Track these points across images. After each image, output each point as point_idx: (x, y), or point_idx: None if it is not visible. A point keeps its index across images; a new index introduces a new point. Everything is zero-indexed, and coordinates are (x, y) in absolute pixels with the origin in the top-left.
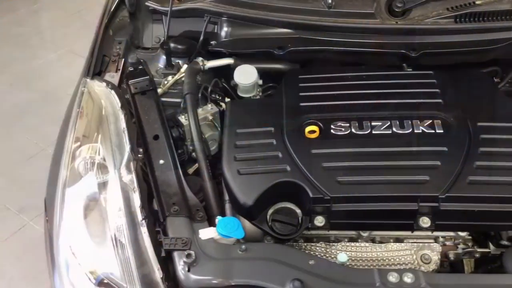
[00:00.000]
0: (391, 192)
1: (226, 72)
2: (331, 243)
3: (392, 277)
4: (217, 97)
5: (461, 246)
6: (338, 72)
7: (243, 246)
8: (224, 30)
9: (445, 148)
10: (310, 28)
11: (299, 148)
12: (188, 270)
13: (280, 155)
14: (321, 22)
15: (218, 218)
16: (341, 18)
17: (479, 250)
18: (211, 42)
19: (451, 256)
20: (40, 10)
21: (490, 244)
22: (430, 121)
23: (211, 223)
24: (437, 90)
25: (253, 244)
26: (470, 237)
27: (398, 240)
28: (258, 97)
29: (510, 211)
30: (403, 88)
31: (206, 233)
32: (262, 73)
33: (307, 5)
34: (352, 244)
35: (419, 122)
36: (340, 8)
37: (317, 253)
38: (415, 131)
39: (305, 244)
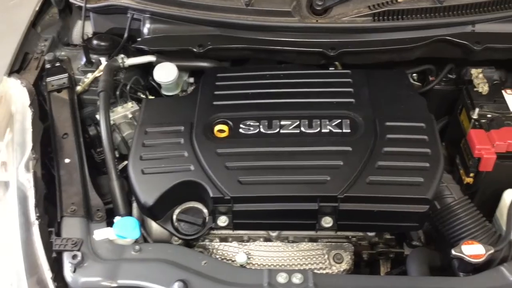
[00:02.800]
0: (292, 192)
1: None
2: (243, 243)
3: (281, 278)
4: (141, 95)
5: (380, 246)
6: (257, 70)
7: (137, 247)
8: (146, 27)
9: (349, 148)
10: (229, 26)
11: (205, 147)
12: (74, 271)
13: (185, 154)
14: (239, 20)
15: (116, 218)
16: (259, 16)
17: (393, 250)
18: (138, 39)
19: (365, 256)
20: None
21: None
22: (339, 120)
23: None
24: (351, 89)
25: (148, 244)
26: (392, 237)
27: (312, 239)
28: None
29: (408, 212)
30: (318, 87)
31: (101, 233)
32: (190, 71)
33: (227, 2)
34: (265, 243)
35: (327, 122)
36: (258, 6)
37: (229, 253)
38: (323, 130)
39: (219, 243)
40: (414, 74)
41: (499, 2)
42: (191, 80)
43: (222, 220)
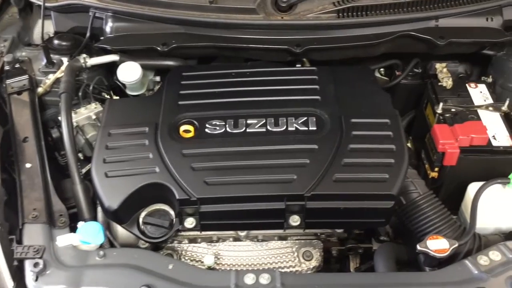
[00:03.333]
0: (259, 192)
1: None
2: (212, 244)
3: (248, 279)
4: (105, 95)
5: (349, 241)
6: (223, 69)
7: (101, 252)
8: (109, 26)
9: (315, 146)
10: (193, 24)
11: (171, 148)
12: (36, 280)
13: (150, 156)
14: (203, 18)
15: (79, 224)
16: (223, 13)
17: (362, 246)
18: (101, 38)
19: (334, 252)
20: None
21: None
22: (305, 118)
23: None
24: (317, 86)
25: (113, 249)
26: (361, 232)
27: (281, 238)
28: None
29: (374, 208)
30: (284, 85)
31: (64, 239)
32: (156, 70)
33: (190, 0)
34: (234, 243)
35: (294, 120)
36: (222, 3)
37: (198, 254)
38: (289, 128)
39: (188, 245)
40: (382, 69)
41: None
42: (157, 78)
43: (189, 222)
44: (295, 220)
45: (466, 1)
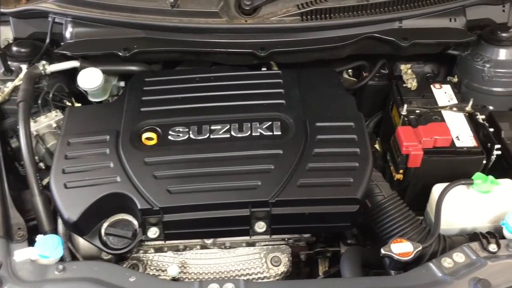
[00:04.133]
0: (223, 199)
1: None
2: (179, 252)
3: None
4: (67, 102)
5: (317, 245)
6: (186, 74)
7: (60, 266)
8: (69, 32)
9: (280, 151)
10: (155, 28)
11: (133, 156)
12: None
13: (111, 165)
14: (165, 22)
15: (38, 237)
16: (185, 17)
17: (330, 249)
18: (61, 44)
19: (302, 256)
20: None
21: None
22: (269, 123)
23: None
24: (281, 90)
25: (73, 263)
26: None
27: (249, 244)
28: None
29: (339, 212)
30: (249, 89)
31: (22, 254)
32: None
33: (152, 4)
34: (201, 251)
35: (258, 125)
36: (184, 7)
37: (165, 263)
38: (253, 134)
39: (154, 254)
40: (350, 70)
41: None
42: (122, 84)
43: (153, 232)
44: (260, 226)
45: (429, 2)
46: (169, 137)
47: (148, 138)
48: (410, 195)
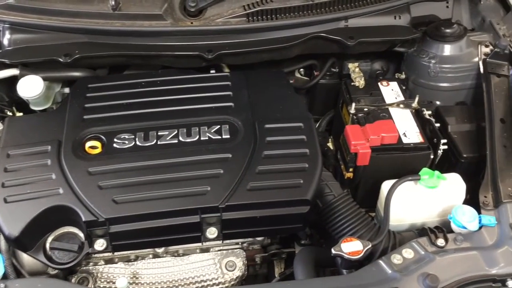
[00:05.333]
0: (172, 207)
1: None
2: (130, 263)
3: None
4: (8, 112)
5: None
6: (132, 78)
7: (2, 285)
8: (6, 39)
9: (229, 155)
10: (97, 33)
11: (76, 167)
12: None
13: (53, 176)
14: (106, 26)
15: None
16: (128, 20)
17: (285, 251)
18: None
19: (258, 259)
20: None
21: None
22: (218, 126)
23: None
24: (230, 93)
25: (15, 281)
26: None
27: (203, 250)
28: None
29: (290, 214)
30: (197, 93)
31: None
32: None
33: (92, 8)
34: (153, 260)
35: (206, 129)
36: (126, 10)
37: (115, 275)
38: (202, 138)
39: (104, 266)
40: (302, 69)
41: None
42: (66, 90)
43: (100, 244)
44: (212, 232)
45: (374, 0)
46: (114, 145)
47: (92, 147)
48: (361, 193)
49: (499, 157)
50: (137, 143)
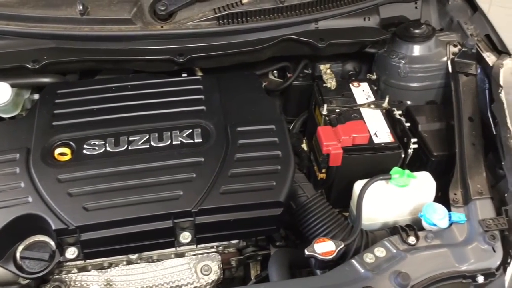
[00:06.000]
0: (144, 213)
1: None
2: (104, 270)
3: None
4: None
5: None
6: (102, 83)
7: None
8: None
9: (201, 159)
10: (65, 38)
11: (45, 174)
12: None
13: (22, 184)
14: (75, 31)
15: None
16: (96, 25)
17: (260, 253)
18: None
19: (233, 262)
20: None
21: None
22: (190, 130)
23: None
24: (201, 96)
25: None
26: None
27: (178, 255)
28: None
29: (263, 216)
30: (168, 97)
31: None
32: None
33: (60, 13)
34: (127, 267)
35: (178, 133)
36: (95, 14)
37: (88, 283)
38: (174, 142)
39: (77, 274)
40: (275, 71)
41: None
42: (36, 96)
43: (71, 252)
44: (185, 237)
45: (343, 2)
46: (84, 151)
47: (61, 154)
48: (335, 193)
49: (468, 155)
50: (108, 149)
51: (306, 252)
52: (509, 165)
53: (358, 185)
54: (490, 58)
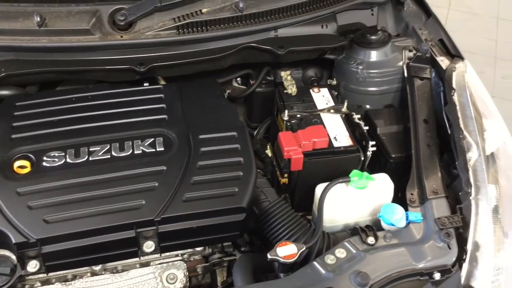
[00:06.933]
0: (106, 223)
1: None
2: (68, 282)
3: None
4: None
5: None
6: (62, 94)
7: None
8: None
9: (164, 167)
10: (24, 50)
11: (4, 188)
12: None
13: None
14: (33, 43)
15: None
16: (55, 36)
17: (226, 259)
18: None
19: (199, 270)
20: None
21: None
22: (152, 139)
23: None
24: (163, 105)
25: None
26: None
27: (143, 264)
28: None
29: (227, 222)
30: (129, 106)
31: None
32: None
33: (17, 25)
34: (92, 279)
35: (140, 142)
36: (53, 26)
37: None
38: (136, 152)
39: (40, 287)
40: (239, 79)
41: (297, 7)
42: None
43: (32, 265)
44: (149, 246)
45: (301, 10)
46: (44, 163)
47: (20, 167)
48: (298, 197)
49: (423, 155)
50: (68, 160)
51: (269, 256)
52: (462, 164)
53: (319, 188)
54: (443, 62)
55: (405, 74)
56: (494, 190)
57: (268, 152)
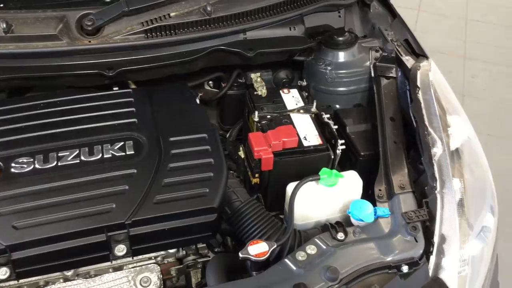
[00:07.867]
0: (75, 228)
1: None
2: None
3: None
4: None
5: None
6: (30, 100)
7: None
8: None
9: (134, 170)
10: None
11: None
12: None
13: None
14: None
15: None
16: (21, 42)
17: (200, 260)
18: None
19: (174, 272)
20: None
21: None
22: (122, 143)
23: None
24: (133, 109)
25: None
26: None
27: (116, 268)
28: None
29: (198, 223)
30: (99, 111)
31: None
32: None
33: None
34: (64, 284)
35: (109, 146)
36: (19, 32)
37: None
38: (105, 156)
39: None
40: (210, 82)
41: (265, 10)
42: None
43: (2, 273)
44: (120, 249)
45: (269, 13)
46: (12, 169)
47: None
48: (270, 197)
49: (390, 152)
50: (37, 166)
51: (240, 255)
52: (427, 160)
53: (290, 187)
54: (409, 61)
55: (372, 74)
56: (459, 184)
57: (241, 153)
